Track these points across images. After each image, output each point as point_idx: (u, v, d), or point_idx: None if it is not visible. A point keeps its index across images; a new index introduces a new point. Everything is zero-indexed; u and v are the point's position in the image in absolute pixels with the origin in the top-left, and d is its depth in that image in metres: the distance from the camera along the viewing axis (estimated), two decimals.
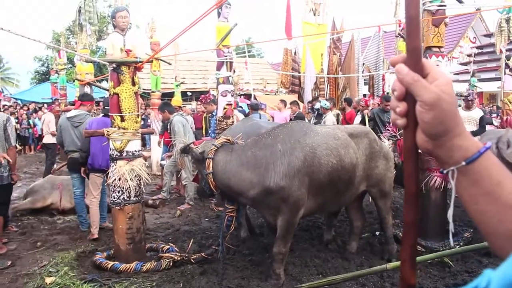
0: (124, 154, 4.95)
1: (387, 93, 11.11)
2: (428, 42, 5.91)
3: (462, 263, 5.00)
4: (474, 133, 8.76)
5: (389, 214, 5.16)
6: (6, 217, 6.40)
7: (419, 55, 0.81)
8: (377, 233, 5.96)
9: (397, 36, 9.63)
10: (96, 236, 6.12)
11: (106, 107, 6.31)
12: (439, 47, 5.92)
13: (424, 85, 0.79)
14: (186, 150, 4.80)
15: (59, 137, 6.83)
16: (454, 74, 25.78)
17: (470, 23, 29.73)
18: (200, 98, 9.86)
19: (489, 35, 25.91)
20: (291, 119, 10.16)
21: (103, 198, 6.49)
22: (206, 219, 7.22)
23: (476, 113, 8.93)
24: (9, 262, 4.77)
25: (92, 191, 6.34)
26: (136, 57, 4.86)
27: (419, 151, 0.87)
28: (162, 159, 8.58)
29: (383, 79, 13.29)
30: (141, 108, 13.31)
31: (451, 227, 0.91)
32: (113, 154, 4.98)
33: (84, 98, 7.05)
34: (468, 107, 8.86)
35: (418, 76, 0.80)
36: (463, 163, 0.79)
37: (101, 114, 6.73)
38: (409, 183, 0.88)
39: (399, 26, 9.50)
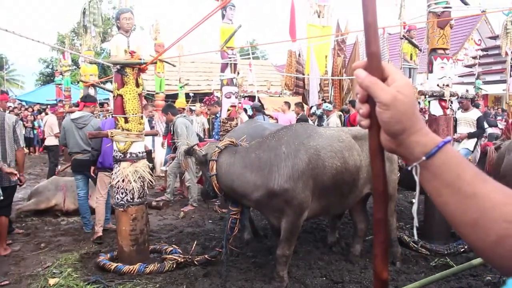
0: (128, 155, 4.95)
1: None
2: (433, 44, 5.89)
3: None
4: (472, 135, 8.74)
5: (393, 217, 5.13)
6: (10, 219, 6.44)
7: (378, 59, 0.86)
8: None
9: (402, 38, 9.60)
10: (100, 234, 6.13)
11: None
12: (444, 49, 5.90)
13: (381, 87, 0.84)
14: (189, 152, 4.79)
15: (63, 139, 6.85)
16: (458, 76, 25.70)
17: (475, 25, 29.66)
18: (204, 100, 9.87)
19: (495, 37, 25.82)
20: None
21: (107, 199, 6.50)
22: (210, 221, 7.21)
23: (473, 114, 8.91)
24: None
25: (100, 190, 6.35)
26: (140, 59, 4.86)
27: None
28: (165, 163, 8.56)
29: None
30: (145, 110, 13.33)
31: (416, 221, 0.98)
32: (116, 156, 4.98)
33: (87, 100, 7.06)
34: (465, 109, 8.84)
35: (376, 79, 0.85)
36: (423, 158, 0.83)
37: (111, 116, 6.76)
38: (377, 182, 0.92)
39: (404, 28, 9.48)
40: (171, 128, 8.27)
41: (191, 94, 19.01)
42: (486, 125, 11.66)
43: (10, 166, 5.64)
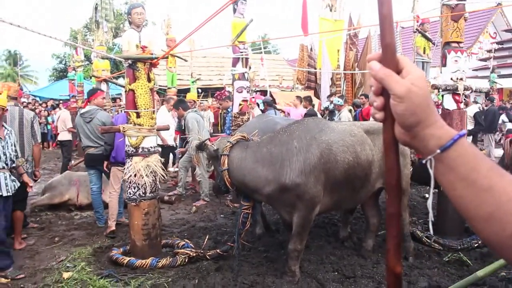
0: (140, 150, 4.97)
1: None
2: (447, 37, 5.82)
3: (481, 261, 4.91)
4: (469, 132, 8.64)
5: (406, 212, 5.09)
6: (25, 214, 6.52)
7: (393, 51, 0.86)
8: None
9: (415, 32, 9.49)
10: (113, 228, 6.19)
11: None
12: (458, 42, 5.82)
13: (395, 79, 0.84)
14: (201, 146, 4.79)
15: (78, 135, 6.93)
16: (473, 70, 25.39)
17: (490, 18, 29.25)
18: (216, 94, 9.87)
19: (510, 30, 25.45)
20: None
21: (120, 194, 6.54)
22: (222, 216, 7.22)
23: (471, 110, 8.80)
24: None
25: (113, 185, 6.40)
26: (152, 54, 4.87)
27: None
28: (176, 159, 8.56)
29: None
30: (156, 105, 13.34)
31: (431, 215, 0.96)
32: (128, 151, 5.01)
33: (90, 94, 7.04)
34: (465, 105, 8.74)
35: (390, 71, 0.85)
36: (438, 151, 0.82)
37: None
38: (390, 176, 0.92)
39: (417, 21, 9.37)
40: (183, 123, 8.28)
41: (199, 90, 19.06)
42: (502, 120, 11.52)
43: (27, 160, 5.73)
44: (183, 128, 8.24)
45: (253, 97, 9.95)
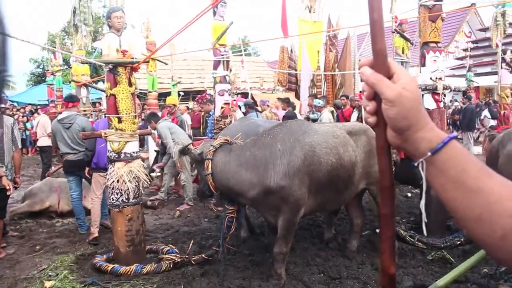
0: (122, 155, 4.91)
1: None
2: (425, 37, 5.90)
3: (464, 259, 4.96)
4: None
5: None
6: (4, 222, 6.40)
7: (384, 56, 0.88)
8: (378, 230, 5.92)
9: (393, 32, 9.59)
10: (96, 235, 6.10)
11: None
12: (436, 42, 5.91)
13: (386, 84, 0.86)
14: (184, 151, 4.76)
15: (54, 141, 6.82)
16: (450, 69, 25.79)
17: (465, 18, 29.77)
18: (197, 98, 9.83)
19: (485, 29, 25.91)
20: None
21: (103, 198, 6.46)
22: (206, 220, 7.19)
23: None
24: None
25: (95, 191, 6.32)
26: (133, 58, 4.82)
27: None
28: (152, 171, 8.51)
29: None
30: (138, 109, 13.22)
31: (424, 217, 0.96)
32: (111, 156, 4.95)
33: (73, 99, 6.96)
34: None
35: (381, 76, 0.86)
36: (429, 153, 0.84)
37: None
38: (383, 177, 0.93)
39: (395, 22, 9.47)
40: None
41: (181, 93, 18.97)
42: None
43: (7, 168, 5.62)
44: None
45: (235, 100, 9.92)
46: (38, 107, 20.19)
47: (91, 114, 11.44)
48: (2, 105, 19.72)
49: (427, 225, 5.52)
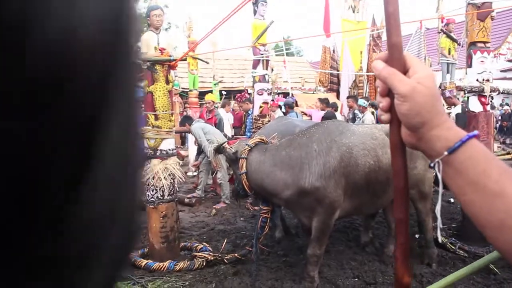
0: (158, 152, 4.96)
1: None
2: (473, 37, 5.64)
3: (509, 270, 4.73)
4: None
5: (429, 217, 4.95)
6: None
7: (399, 50, 0.84)
8: (417, 236, 5.73)
9: (439, 32, 9.29)
10: None
11: None
12: (484, 42, 5.64)
13: (399, 78, 0.81)
14: (220, 150, 4.75)
15: None
16: (501, 71, 24.82)
17: None
18: (236, 96, 9.84)
19: None
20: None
21: None
22: (242, 219, 7.17)
23: (454, 111, 8.56)
24: None
25: None
26: (170, 56, 4.86)
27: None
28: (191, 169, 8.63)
29: None
30: (180, 107, 13.37)
31: (439, 222, 0.94)
32: (147, 153, 5.00)
33: None
34: (449, 105, 8.51)
35: (394, 70, 0.82)
36: (445, 153, 0.78)
37: None
38: (398, 179, 0.89)
39: (442, 22, 9.16)
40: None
41: (223, 92, 19.08)
42: None
43: None
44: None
45: (273, 100, 9.86)
46: None
47: None
48: None
49: (468, 232, 5.31)
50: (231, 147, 4.70)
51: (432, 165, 0.82)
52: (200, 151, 8.20)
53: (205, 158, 8.12)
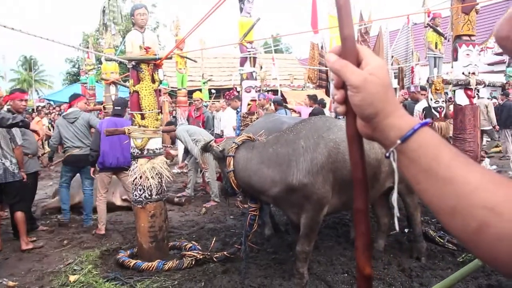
0: (145, 152, 4.92)
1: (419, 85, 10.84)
2: (458, 30, 5.68)
3: None
4: None
5: (417, 211, 4.98)
6: (33, 217, 6.58)
7: (352, 43, 0.84)
8: (406, 230, 5.76)
9: (426, 27, 9.29)
10: (103, 232, 6.31)
11: (115, 107, 6.75)
12: (470, 35, 5.67)
13: (351, 70, 0.82)
14: (206, 148, 4.73)
15: (57, 136, 6.87)
16: (488, 64, 24.99)
17: (505, 11, 28.73)
18: (225, 94, 9.82)
19: None
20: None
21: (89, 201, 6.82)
22: (231, 217, 7.16)
23: (420, 105, 8.64)
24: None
25: (100, 189, 6.51)
26: (155, 54, 4.82)
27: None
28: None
29: (412, 71, 12.96)
30: (168, 106, 13.29)
31: (396, 211, 0.92)
32: (134, 152, 4.97)
33: (73, 97, 7.31)
34: (412, 99, 8.60)
35: (345, 62, 0.83)
36: (398, 141, 0.79)
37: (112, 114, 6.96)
38: (356, 170, 0.89)
39: (428, 16, 9.17)
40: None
41: (212, 91, 19.03)
42: None
43: (12, 162, 5.68)
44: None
45: (263, 95, 9.84)
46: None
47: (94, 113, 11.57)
48: (39, 104, 20.31)
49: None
50: (218, 145, 4.68)
51: (387, 154, 0.82)
52: (187, 151, 8.21)
53: (193, 157, 8.11)
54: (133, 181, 4.92)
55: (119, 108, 6.70)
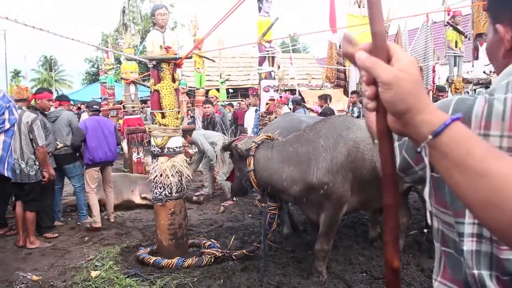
0: (165, 150, 4.98)
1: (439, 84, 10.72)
2: (479, 28, 5.63)
3: None
4: None
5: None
6: (53, 216, 6.74)
7: (382, 39, 0.85)
8: (425, 230, 5.72)
9: (446, 25, 9.20)
10: (99, 225, 6.49)
11: (94, 106, 7.15)
12: None
13: (382, 67, 0.82)
14: (229, 147, 4.73)
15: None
16: None
17: None
18: (251, 90, 9.83)
19: None
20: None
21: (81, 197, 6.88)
22: (250, 216, 7.19)
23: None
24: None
25: (90, 184, 6.65)
26: (175, 54, 4.87)
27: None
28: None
29: (433, 71, 12.84)
30: (187, 106, 13.34)
31: (428, 205, 0.95)
32: (154, 151, 5.03)
33: (62, 99, 7.56)
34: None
35: (376, 59, 0.83)
36: (430, 136, 0.80)
37: (90, 113, 7.13)
38: (385, 165, 0.90)
39: (448, 14, 9.09)
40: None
41: (230, 90, 19.08)
42: None
43: (27, 164, 5.75)
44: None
45: (281, 96, 9.85)
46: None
47: (140, 111, 11.68)
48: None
49: None
50: (241, 143, 4.70)
51: (419, 149, 0.84)
52: (201, 157, 8.40)
53: (207, 158, 8.16)
54: (154, 179, 4.97)
55: (97, 107, 7.18)
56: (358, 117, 9.56)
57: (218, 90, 15.42)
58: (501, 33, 1.07)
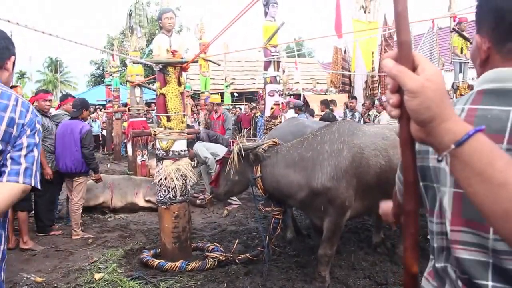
0: (170, 153, 4.99)
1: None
2: None
3: None
4: None
5: None
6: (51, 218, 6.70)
7: (408, 48, 0.87)
8: (429, 236, 5.69)
9: (452, 31, 9.20)
10: (77, 236, 6.31)
11: (72, 109, 6.51)
12: None
13: (409, 76, 0.84)
14: (254, 150, 4.56)
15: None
16: None
17: None
18: (258, 96, 9.90)
19: None
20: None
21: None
22: (253, 220, 7.19)
23: (383, 117, 8.49)
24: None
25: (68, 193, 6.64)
26: (182, 58, 4.89)
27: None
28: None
29: None
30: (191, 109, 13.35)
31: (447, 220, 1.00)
32: (159, 154, 5.04)
33: (62, 98, 7.41)
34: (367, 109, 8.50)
35: (403, 67, 0.85)
36: (453, 146, 0.81)
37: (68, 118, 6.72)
38: (407, 172, 0.92)
39: (454, 20, 9.08)
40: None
41: (235, 94, 19.12)
42: None
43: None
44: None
45: (283, 102, 9.90)
46: (97, 106, 21.04)
47: (145, 114, 11.68)
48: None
49: None
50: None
51: (440, 158, 0.85)
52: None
53: (204, 165, 8.12)
54: (158, 182, 4.99)
55: (75, 110, 6.45)
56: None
57: (222, 94, 15.46)
58: (478, 43, 1.10)
